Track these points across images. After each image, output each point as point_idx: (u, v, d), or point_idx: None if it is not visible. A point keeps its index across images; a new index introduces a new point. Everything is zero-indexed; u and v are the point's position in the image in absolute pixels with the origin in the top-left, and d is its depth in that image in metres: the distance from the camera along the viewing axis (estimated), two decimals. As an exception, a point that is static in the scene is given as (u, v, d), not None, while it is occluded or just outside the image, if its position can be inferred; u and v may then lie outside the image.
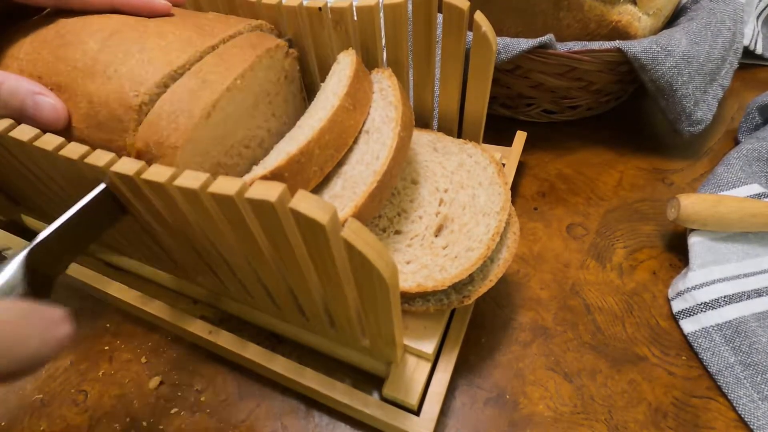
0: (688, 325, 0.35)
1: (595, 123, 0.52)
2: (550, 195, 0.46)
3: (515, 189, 0.46)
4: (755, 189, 0.41)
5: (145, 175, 0.23)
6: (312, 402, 0.33)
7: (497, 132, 0.47)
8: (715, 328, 0.34)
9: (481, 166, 0.36)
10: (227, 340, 0.34)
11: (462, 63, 0.36)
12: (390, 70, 0.36)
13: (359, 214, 0.28)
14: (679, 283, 0.37)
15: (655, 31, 0.46)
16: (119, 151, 0.28)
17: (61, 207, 0.33)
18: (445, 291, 0.31)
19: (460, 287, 0.31)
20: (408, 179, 0.36)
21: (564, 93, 0.48)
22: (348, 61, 0.34)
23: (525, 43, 0.42)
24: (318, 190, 0.31)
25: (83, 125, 0.29)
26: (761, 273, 0.37)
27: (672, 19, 0.49)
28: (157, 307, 0.36)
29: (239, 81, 0.30)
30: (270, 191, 0.19)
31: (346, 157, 0.32)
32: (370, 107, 0.33)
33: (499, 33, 0.46)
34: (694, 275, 0.36)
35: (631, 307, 0.37)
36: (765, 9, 0.59)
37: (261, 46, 0.32)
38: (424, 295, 0.30)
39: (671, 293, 0.37)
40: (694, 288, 0.36)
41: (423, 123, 0.41)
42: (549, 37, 0.42)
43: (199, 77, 0.29)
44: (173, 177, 0.22)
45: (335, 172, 0.31)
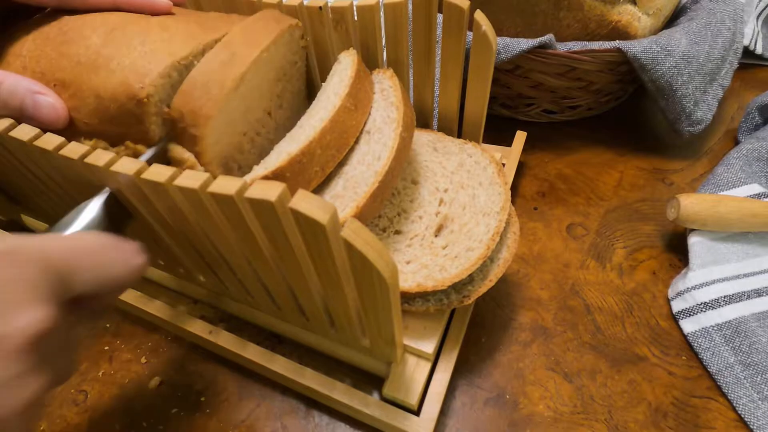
0: (688, 325, 0.35)
1: (595, 123, 0.52)
2: (550, 195, 0.46)
3: (515, 189, 0.46)
4: (755, 189, 0.41)
5: (145, 175, 0.23)
6: (312, 402, 0.33)
7: (497, 132, 0.47)
8: (715, 328, 0.34)
9: (481, 166, 0.36)
10: (227, 340, 0.34)
11: (462, 63, 0.36)
12: (391, 70, 0.36)
13: (360, 214, 0.28)
14: (679, 283, 0.37)
15: (655, 31, 0.46)
16: (137, 142, 0.29)
17: (62, 207, 0.33)
18: (445, 291, 0.31)
19: (460, 287, 0.31)
20: (408, 179, 0.36)
21: (564, 93, 0.48)
22: (349, 61, 0.34)
23: (525, 43, 0.42)
24: (319, 190, 0.31)
25: (95, 121, 0.29)
26: (761, 273, 0.37)
27: (672, 19, 0.49)
28: (157, 307, 0.36)
29: (265, 54, 0.31)
30: (270, 191, 0.19)
31: (347, 158, 0.32)
32: (371, 107, 0.33)
33: (499, 33, 0.46)
34: (694, 275, 0.36)
35: (631, 307, 0.37)
36: (765, 9, 0.59)
37: (284, 21, 0.33)
38: (424, 295, 0.30)
39: (671, 293, 0.37)
40: (694, 288, 0.36)
41: (423, 123, 0.41)
42: (549, 37, 0.42)
43: (229, 49, 0.30)
44: (173, 177, 0.22)
45: (336, 172, 0.31)
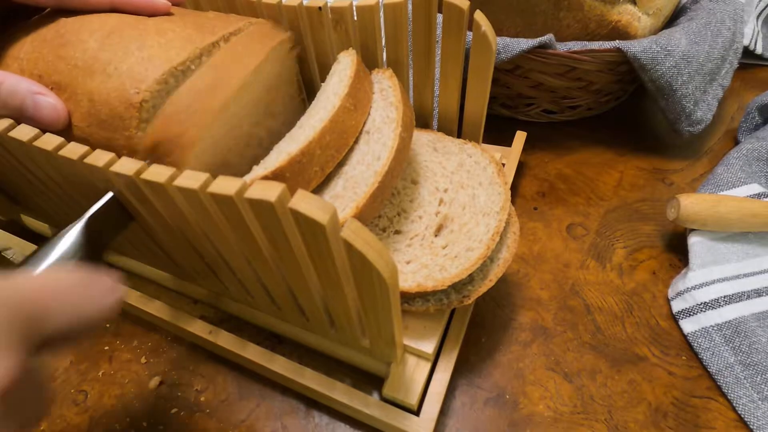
0: (687, 325, 0.35)
1: (595, 123, 0.52)
2: (550, 195, 0.45)
3: (515, 189, 0.46)
4: (755, 189, 0.41)
5: (145, 175, 0.22)
6: (312, 402, 0.33)
7: (497, 132, 0.47)
8: (715, 328, 0.34)
9: (481, 166, 0.36)
10: (227, 340, 0.34)
11: (462, 63, 0.36)
12: (391, 70, 0.36)
13: (360, 214, 0.28)
14: (679, 283, 0.37)
15: (655, 31, 0.46)
16: (121, 150, 0.28)
17: (61, 207, 0.33)
18: (445, 291, 0.31)
19: (459, 287, 0.31)
20: (408, 179, 0.36)
21: (564, 93, 0.48)
22: (348, 61, 0.34)
23: (525, 43, 0.42)
24: (319, 190, 0.31)
25: (84, 124, 0.29)
26: (761, 273, 0.37)
27: (672, 19, 0.49)
28: (157, 307, 0.36)
29: (253, 76, 0.30)
30: (269, 191, 0.19)
31: (346, 158, 0.31)
32: (370, 107, 0.33)
33: (499, 33, 0.46)
34: (693, 275, 0.36)
35: (631, 307, 0.37)
36: (765, 9, 0.59)
37: (272, 38, 0.33)
38: (424, 295, 0.30)
39: (671, 293, 0.37)
40: (693, 288, 0.36)
41: (423, 123, 0.41)
42: (549, 37, 0.42)
43: (215, 71, 0.29)
44: (173, 177, 0.22)
45: (336, 172, 0.31)
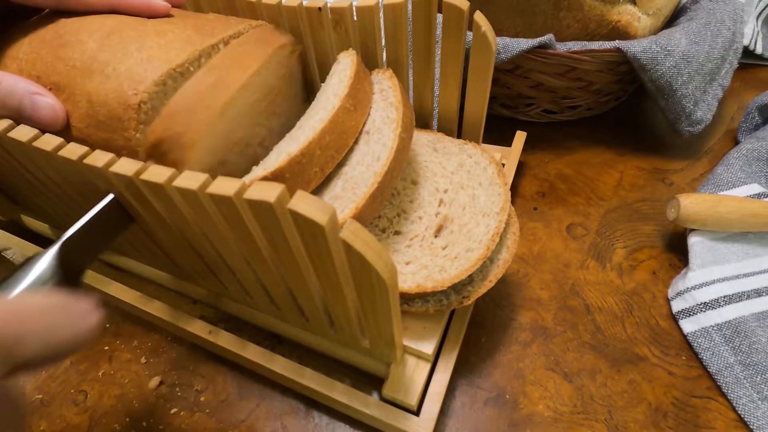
0: (687, 325, 0.35)
1: (595, 123, 0.52)
2: (550, 195, 0.45)
3: (515, 189, 0.46)
4: (755, 189, 0.41)
5: (144, 176, 0.22)
6: (312, 402, 0.33)
7: (497, 132, 0.47)
8: (715, 328, 0.34)
9: (481, 166, 0.36)
10: (227, 340, 0.34)
11: (462, 63, 0.36)
12: (390, 70, 0.36)
13: (360, 215, 0.28)
14: (679, 283, 0.37)
15: (655, 31, 0.46)
16: (120, 150, 0.28)
17: (61, 207, 0.33)
18: (445, 291, 0.31)
19: (459, 288, 0.31)
20: (408, 180, 0.36)
21: (564, 93, 0.48)
22: (348, 62, 0.34)
23: (525, 43, 0.42)
24: (318, 191, 0.31)
25: (83, 124, 0.29)
26: (761, 273, 0.37)
27: (672, 19, 0.49)
28: (157, 307, 0.36)
29: (253, 78, 0.30)
30: (269, 192, 0.19)
31: (346, 158, 0.31)
32: (370, 108, 0.33)
33: (499, 33, 0.46)
34: (693, 275, 0.36)
35: (631, 307, 0.37)
36: (765, 9, 0.59)
37: (274, 42, 0.33)
38: (423, 296, 0.30)
39: (671, 293, 0.37)
40: (693, 288, 0.36)
41: (423, 123, 0.41)
42: (549, 37, 0.42)
43: (215, 73, 0.29)
44: (172, 178, 0.22)
45: (336, 173, 0.31)
